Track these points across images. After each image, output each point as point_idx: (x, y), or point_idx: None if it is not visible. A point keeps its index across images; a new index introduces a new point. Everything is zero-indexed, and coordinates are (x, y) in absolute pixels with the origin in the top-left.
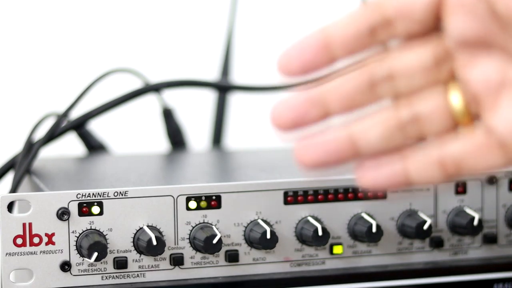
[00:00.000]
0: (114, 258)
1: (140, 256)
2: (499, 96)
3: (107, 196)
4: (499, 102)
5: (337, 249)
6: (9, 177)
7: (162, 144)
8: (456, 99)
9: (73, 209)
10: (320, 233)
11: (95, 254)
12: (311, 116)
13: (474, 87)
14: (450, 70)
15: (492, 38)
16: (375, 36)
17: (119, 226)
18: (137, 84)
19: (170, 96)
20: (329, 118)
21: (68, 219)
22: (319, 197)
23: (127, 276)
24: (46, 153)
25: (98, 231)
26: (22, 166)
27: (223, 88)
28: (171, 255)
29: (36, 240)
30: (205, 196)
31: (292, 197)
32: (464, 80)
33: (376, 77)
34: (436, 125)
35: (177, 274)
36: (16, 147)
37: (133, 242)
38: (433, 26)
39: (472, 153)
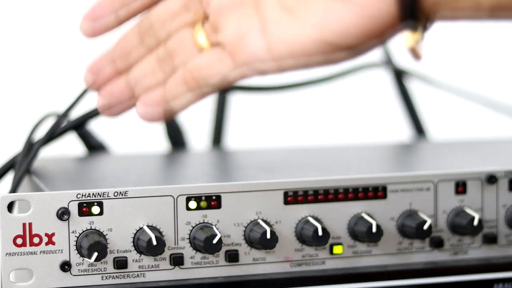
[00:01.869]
0: (114, 258)
1: (140, 256)
2: (226, 17)
3: (107, 196)
4: (226, 22)
5: (337, 249)
6: (9, 177)
7: (162, 144)
8: (201, 37)
9: (73, 209)
10: (320, 233)
11: (95, 254)
12: (106, 73)
13: (211, 14)
14: (198, 10)
15: None
16: None
17: (119, 226)
18: None
19: None
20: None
21: (68, 219)
22: (319, 197)
23: (127, 276)
24: (46, 153)
25: (98, 231)
26: (22, 166)
27: (223, 88)
28: (171, 255)
29: (36, 240)
30: (205, 196)
31: (292, 197)
32: (205, 13)
33: (142, 29)
34: (184, 56)
35: (177, 274)
36: (16, 147)
37: (133, 242)
38: None
39: (207, 64)
